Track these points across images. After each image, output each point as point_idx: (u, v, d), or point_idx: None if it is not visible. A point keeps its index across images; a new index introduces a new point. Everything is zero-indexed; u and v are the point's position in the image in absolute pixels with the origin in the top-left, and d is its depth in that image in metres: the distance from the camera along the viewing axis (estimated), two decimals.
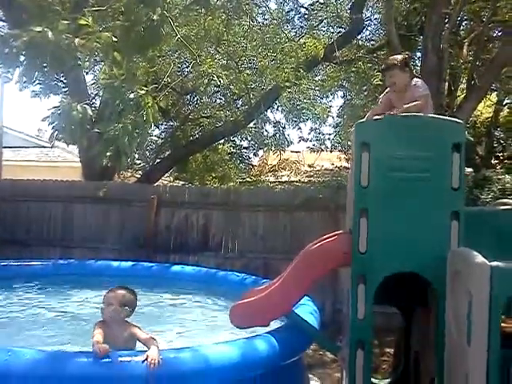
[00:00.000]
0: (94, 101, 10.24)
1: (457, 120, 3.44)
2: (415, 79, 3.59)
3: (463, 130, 3.36)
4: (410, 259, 3.22)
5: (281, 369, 3.48)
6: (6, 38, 8.79)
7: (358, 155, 3.36)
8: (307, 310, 4.01)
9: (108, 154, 3.10)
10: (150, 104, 3.19)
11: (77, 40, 2.95)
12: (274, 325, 3.71)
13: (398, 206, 3.27)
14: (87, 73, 9.88)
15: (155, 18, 3.10)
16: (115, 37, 3.01)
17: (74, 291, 5.85)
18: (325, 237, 3.59)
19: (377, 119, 3.45)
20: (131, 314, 3.24)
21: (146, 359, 2.73)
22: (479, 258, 2.61)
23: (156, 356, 2.76)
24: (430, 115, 3.47)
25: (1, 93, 8.17)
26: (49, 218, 8.03)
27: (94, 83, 10.96)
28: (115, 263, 6.52)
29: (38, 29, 2.97)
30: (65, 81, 8.01)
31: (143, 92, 3.18)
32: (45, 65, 3.13)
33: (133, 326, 3.13)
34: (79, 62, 4.07)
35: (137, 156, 10.99)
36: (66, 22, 3.03)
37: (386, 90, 3.76)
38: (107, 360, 2.75)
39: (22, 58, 3.10)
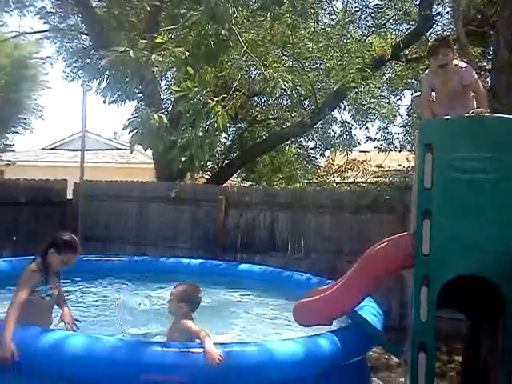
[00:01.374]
0: (167, 108, 10.71)
1: None
2: (460, 62, 3.54)
3: None
4: (474, 261, 3.18)
5: (343, 368, 3.54)
6: (89, 52, 9.41)
7: (421, 156, 3.35)
8: (370, 312, 4.02)
9: (183, 159, 3.33)
10: (220, 113, 3.38)
11: (153, 56, 3.21)
12: (337, 324, 3.78)
13: (462, 207, 3.23)
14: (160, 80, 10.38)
15: (224, 32, 3.29)
16: (187, 51, 3.23)
17: (148, 286, 6.20)
18: (388, 238, 3.61)
19: (446, 118, 3.41)
20: (194, 308, 3.36)
21: (206, 353, 2.82)
22: None
23: (214, 349, 2.85)
24: (497, 115, 3.39)
25: (84, 100, 8.79)
26: (125, 217, 8.53)
27: (166, 88, 11.45)
28: (185, 260, 6.83)
29: (121, 49, 3.25)
30: (140, 88, 8.49)
31: (214, 102, 3.37)
32: (126, 79, 3.41)
33: (190, 322, 3.21)
34: (156, 75, 4.37)
35: (208, 160, 11.37)
36: (144, 40, 3.30)
37: (426, 74, 3.73)
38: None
39: (104, 72, 3.39)
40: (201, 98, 3.32)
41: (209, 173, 11.97)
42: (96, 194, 8.65)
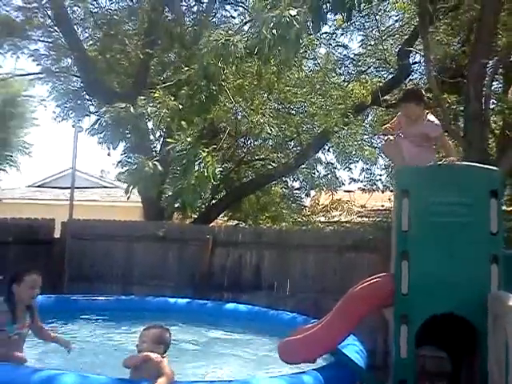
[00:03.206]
0: (155, 149, 10.96)
1: (493, 168, 3.61)
2: (430, 115, 3.83)
3: (500, 177, 3.52)
4: (450, 301, 3.37)
5: None
6: (80, 93, 9.66)
7: (398, 201, 3.59)
8: (354, 350, 4.15)
9: (176, 205, 3.54)
10: (210, 163, 3.62)
11: (149, 109, 3.47)
12: (321, 362, 3.89)
13: (438, 249, 3.45)
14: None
15: (214, 88, 3.58)
16: (181, 104, 3.50)
17: (133, 325, 6.23)
18: (369, 278, 3.79)
19: (421, 166, 3.66)
20: (165, 351, 3.33)
21: None
22: None
23: None
24: (468, 163, 3.66)
25: (75, 140, 8.99)
26: (112, 256, 8.58)
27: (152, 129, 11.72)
28: (172, 300, 6.89)
29: (122, 105, 3.51)
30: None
31: (205, 154, 3.61)
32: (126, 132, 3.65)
33: (162, 362, 3.18)
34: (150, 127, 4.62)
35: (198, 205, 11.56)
36: (143, 97, 3.57)
37: (399, 114, 4.04)
38: None
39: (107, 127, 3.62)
40: (192, 149, 3.56)
41: (196, 212, 12.12)
42: (84, 233, 8.71)
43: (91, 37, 11.13)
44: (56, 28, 10.15)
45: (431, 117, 3.81)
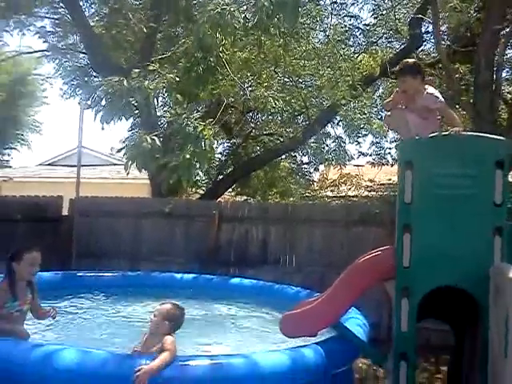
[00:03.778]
0: (163, 125, 10.89)
1: (499, 137, 3.50)
2: (429, 87, 3.71)
3: (506, 147, 3.41)
4: (452, 274, 3.31)
5: (329, 379, 3.63)
6: (87, 70, 9.60)
7: (401, 173, 3.50)
8: (356, 323, 4.13)
9: (171, 181, 3.49)
10: (207, 137, 3.55)
11: (146, 82, 3.40)
12: (323, 335, 3.88)
13: (440, 222, 3.38)
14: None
15: (212, 59, 3.48)
16: (178, 77, 3.42)
17: (139, 300, 6.29)
18: (372, 251, 3.74)
19: (425, 137, 3.57)
20: (176, 329, 3.36)
21: (139, 370, 2.78)
22: None
23: (148, 370, 2.79)
24: (473, 133, 3.55)
25: (81, 117, 8.95)
26: (120, 233, 8.63)
27: (162, 105, 11.64)
28: (178, 275, 6.93)
29: (116, 79, 3.44)
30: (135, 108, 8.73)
31: (202, 127, 3.54)
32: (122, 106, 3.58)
33: (173, 339, 3.15)
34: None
35: (199, 177, 11.52)
36: (137, 70, 3.49)
37: (396, 89, 3.93)
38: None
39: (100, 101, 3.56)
40: (189, 123, 3.49)
41: (203, 188, 12.11)
42: (91, 210, 8.75)
43: (97, 13, 11.01)
44: (62, 4, 10.04)
45: (431, 89, 3.70)
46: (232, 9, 3.39)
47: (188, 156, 3.39)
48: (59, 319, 4.52)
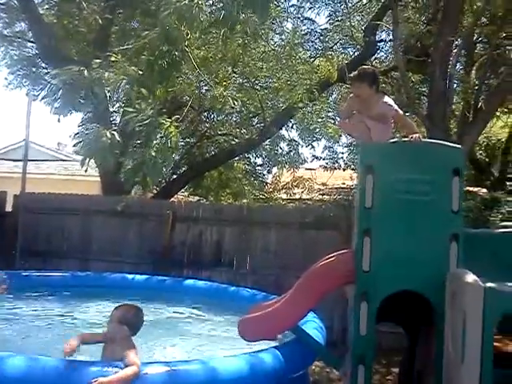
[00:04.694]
0: (114, 121, 10.60)
1: (456, 146, 3.61)
2: (385, 96, 3.80)
3: (463, 155, 3.52)
4: (411, 279, 3.37)
5: (286, 383, 3.61)
6: (35, 60, 9.14)
7: (362, 177, 3.54)
8: (313, 326, 4.14)
9: (136, 179, 3.36)
10: (172, 133, 3.45)
11: (106, 74, 3.24)
12: (281, 340, 3.86)
13: (400, 226, 3.43)
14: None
15: (177, 53, 3.38)
16: (140, 70, 3.29)
17: (89, 302, 6.06)
18: (331, 255, 3.75)
19: (385, 142, 3.62)
20: (135, 332, 3.24)
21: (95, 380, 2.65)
22: (473, 279, 2.75)
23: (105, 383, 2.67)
24: (432, 140, 3.64)
25: (28, 109, 8.54)
26: (68, 231, 8.30)
27: (114, 101, 11.30)
28: (130, 276, 6.73)
29: (75, 68, 3.27)
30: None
31: (167, 123, 3.43)
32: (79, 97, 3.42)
33: (128, 346, 3.03)
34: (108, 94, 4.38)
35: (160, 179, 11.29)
36: (98, 60, 3.33)
37: (350, 96, 3.99)
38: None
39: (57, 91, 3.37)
40: (154, 119, 3.38)
41: (156, 187, 11.85)
42: (37, 207, 8.37)
43: (47, 0, 10.54)
44: None
45: (386, 98, 3.77)
46: (200, 2, 3.30)
47: (153, 153, 3.28)
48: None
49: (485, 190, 9.38)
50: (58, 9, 9.78)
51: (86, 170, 3.68)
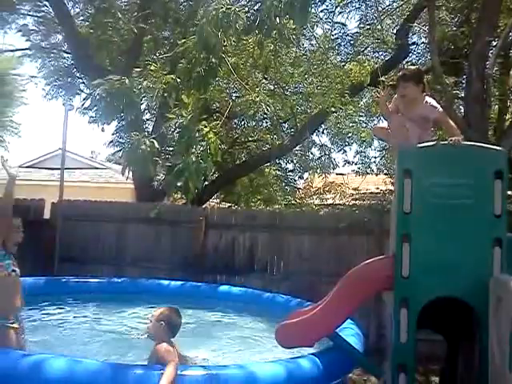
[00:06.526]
0: (147, 129, 10.76)
1: (498, 148, 3.50)
2: (429, 98, 3.72)
3: (505, 157, 3.41)
4: (452, 285, 3.28)
5: None
6: (70, 71, 9.34)
7: (400, 182, 3.47)
8: (351, 333, 4.08)
9: (178, 184, 3.40)
10: (212, 139, 3.48)
11: (145, 83, 3.30)
12: (319, 346, 3.82)
13: (440, 232, 3.35)
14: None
15: (214, 60, 3.41)
16: (178, 78, 3.34)
17: (126, 307, 6.14)
18: (368, 261, 3.69)
19: (423, 146, 3.55)
20: (173, 331, 3.31)
21: None
22: None
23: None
24: (472, 143, 3.55)
25: (65, 119, 8.75)
26: (103, 238, 8.44)
27: (145, 110, 11.48)
28: (165, 282, 6.79)
29: (116, 78, 3.34)
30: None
31: (207, 129, 3.46)
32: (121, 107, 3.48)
33: (164, 346, 3.10)
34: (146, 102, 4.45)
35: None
36: (138, 69, 3.40)
37: (395, 96, 3.91)
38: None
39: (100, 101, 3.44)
40: (192, 126, 3.42)
41: (197, 193, 11.95)
42: (74, 214, 8.55)
43: (82, 12, 10.83)
44: (46, 2, 9.84)
45: (430, 99, 3.70)
46: (237, 9, 3.31)
47: (194, 159, 3.31)
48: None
49: None
50: (92, 20, 10.02)
51: (127, 178, 3.73)
